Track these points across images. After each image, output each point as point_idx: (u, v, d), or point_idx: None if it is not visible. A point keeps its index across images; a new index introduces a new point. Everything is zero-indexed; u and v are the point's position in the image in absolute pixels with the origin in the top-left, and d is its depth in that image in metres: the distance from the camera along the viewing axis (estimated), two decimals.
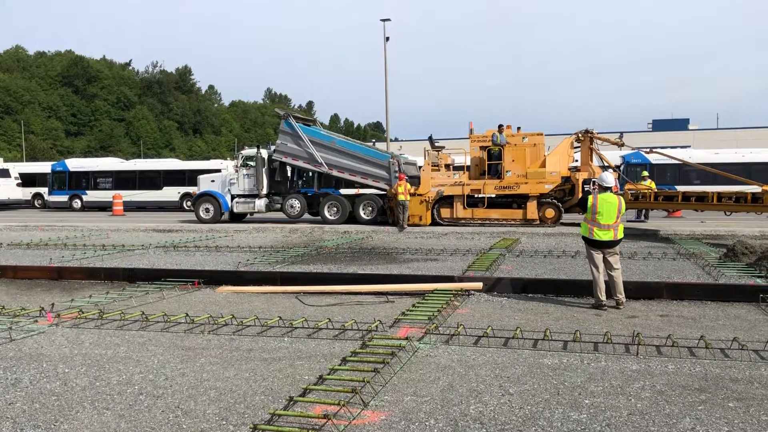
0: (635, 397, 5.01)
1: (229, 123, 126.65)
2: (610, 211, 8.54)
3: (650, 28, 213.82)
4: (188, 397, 5.14)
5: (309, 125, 24.97)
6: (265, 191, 23.93)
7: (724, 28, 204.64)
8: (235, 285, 10.26)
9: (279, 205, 24.14)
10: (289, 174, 25.56)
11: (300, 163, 23.90)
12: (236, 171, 24.43)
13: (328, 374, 5.52)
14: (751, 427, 4.41)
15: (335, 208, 23.23)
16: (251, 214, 25.06)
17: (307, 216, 24.34)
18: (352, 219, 23.15)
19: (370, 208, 23.02)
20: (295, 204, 23.74)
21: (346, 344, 6.67)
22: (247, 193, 24.08)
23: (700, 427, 4.41)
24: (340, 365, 5.79)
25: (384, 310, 8.45)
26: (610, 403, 4.89)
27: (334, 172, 23.43)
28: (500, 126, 21.81)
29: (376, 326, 7.29)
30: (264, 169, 23.85)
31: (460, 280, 9.92)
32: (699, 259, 12.97)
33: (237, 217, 25.25)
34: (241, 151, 25.19)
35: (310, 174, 25.08)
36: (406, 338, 6.72)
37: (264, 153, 23.98)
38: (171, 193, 35.82)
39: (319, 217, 23.53)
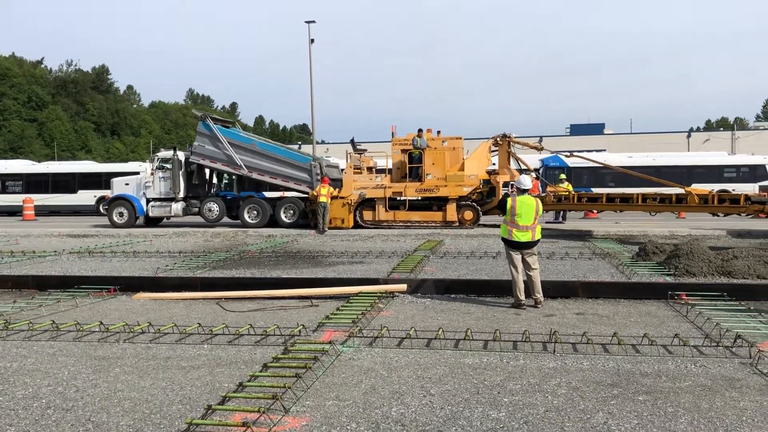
0: (552, 394, 5.15)
1: (149, 124, 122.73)
2: (528, 212, 8.76)
3: (567, 38, 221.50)
4: (100, 409, 4.93)
5: (228, 127, 24.58)
6: (182, 195, 23.38)
7: (637, 39, 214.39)
8: (153, 291, 9.93)
9: (197, 209, 23.63)
10: (207, 177, 25.11)
11: (218, 166, 23.52)
12: (152, 174, 23.76)
13: (249, 381, 5.41)
14: (659, 418, 4.61)
15: (255, 212, 22.93)
16: (168, 218, 24.46)
17: (230, 221, 23.91)
18: (274, 223, 22.91)
19: (292, 211, 22.85)
20: (214, 207, 23.29)
21: (268, 350, 6.56)
22: (163, 196, 23.47)
23: (612, 421, 4.57)
24: (261, 371, 5.69)
25: (308, 315, 8.38)
26: (527, 401, 5.00)
27: (254, 175, 23.14)
28: (420, 130, 22.13)
29: (299, 331, 7.21)
30: (181, 172, 23.31)
31: (385, 282, 9.95)
32: (613, 258, 13.49)
33: (153, 222, 24.58)
34: (157, 154, 24.58)
35: (233, 177, 24.69)
36: (330, 342, 6.68)
37: (181, 155, 23.47)
38: (87, 197, 34.54)
39: (239, 221, 23.19)
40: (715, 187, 24.49)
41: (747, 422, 4.52)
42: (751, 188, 29.73)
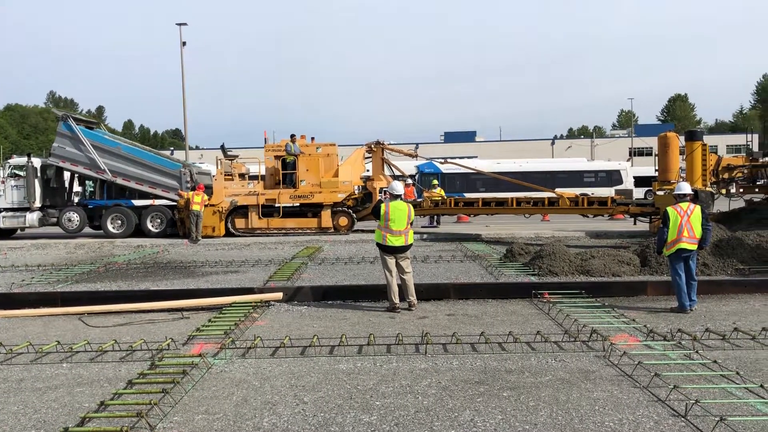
0: (422, 395, 5.27)
1: (4, 128, 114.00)
2: (401, 217, 8.95)
3: (443, 45, 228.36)
4: None
5: (92, 128, 23.30)
6: (38, 204, 21.86)
7: (506, 49, 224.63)
8: (5, 309, 9.20)
9: (55, 219, 22.17)
10: (67, 184, 23.63)
11: (80, 169, 22.23)
12: (2, 182, 22.05)
13: (112, 399, 5.15)
14: (521, 413, 4.84)
15: (120, 221, 21.83)
16: (22, 229, 22.81)
17: (94, 231, 22.61)
18: (142, 232, 21.90)
19: (159, 220, 21.94)
20: (74, 217, 21.96)
21: (134, 366, 6.27)
22: (16, 206, 21.84)
23: (478, 417, 4.75)
24: (125, 389, 5.42)
25: (178, 328, 8.08)
26: (399, 403, 5.09)
27: (119, 180, 22.05)
28: (293, 136, 22.01)
29: (168, 345, 6.94)
30: (37, 180, 21.81)
31: (260, 291, 9.79)
32: (483, 260, 14.04)
33: (5, 234, 22.81)
34: (8, 161, 22.89)
35: (99, 184, 23.39)
36: (200, 355, 6.48)
37: (36, 162, 21.98)
38: None
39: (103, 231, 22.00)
40: (576, 190, 26.12)
41: (599, 411, 4.85)
42: (608, 192, 31.98)
